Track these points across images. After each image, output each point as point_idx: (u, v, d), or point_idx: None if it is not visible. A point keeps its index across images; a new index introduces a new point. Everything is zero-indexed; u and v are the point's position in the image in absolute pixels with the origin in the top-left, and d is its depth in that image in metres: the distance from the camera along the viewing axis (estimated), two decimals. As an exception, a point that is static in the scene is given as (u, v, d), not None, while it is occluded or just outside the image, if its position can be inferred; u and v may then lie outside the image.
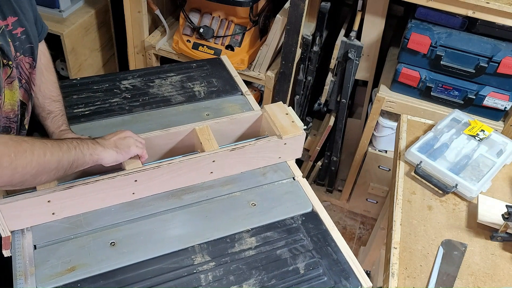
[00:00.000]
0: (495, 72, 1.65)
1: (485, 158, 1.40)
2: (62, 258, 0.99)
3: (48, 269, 0.97)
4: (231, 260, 1.02)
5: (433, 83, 1.77)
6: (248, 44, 1.90)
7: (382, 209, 1.75)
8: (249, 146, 1.16)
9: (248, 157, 1.19)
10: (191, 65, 1.59)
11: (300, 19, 1.72)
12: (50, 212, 1.02)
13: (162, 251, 1.02)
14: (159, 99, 1.44)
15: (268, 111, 1.25)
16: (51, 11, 2.00)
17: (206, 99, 1.46)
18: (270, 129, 1.23)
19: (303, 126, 1.23)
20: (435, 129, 1.48)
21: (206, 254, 1.03)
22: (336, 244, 1.08)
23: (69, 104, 1.36)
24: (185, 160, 1.10)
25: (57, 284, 0.95)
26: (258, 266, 1.02)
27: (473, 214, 1.28)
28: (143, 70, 1.56)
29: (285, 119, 1.23)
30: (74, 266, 0.98)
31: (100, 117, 1.33)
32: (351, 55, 1.88)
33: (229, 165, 1.18)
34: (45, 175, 0.89)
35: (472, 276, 1.14)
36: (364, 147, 2.11)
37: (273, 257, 1.04)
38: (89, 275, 0.97)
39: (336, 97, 2.09)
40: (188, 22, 1.92)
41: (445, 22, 1.69)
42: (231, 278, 0.99)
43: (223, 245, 1.05)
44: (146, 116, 1.39)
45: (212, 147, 1.15)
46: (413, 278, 1.12)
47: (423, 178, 1.36)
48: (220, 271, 1.00)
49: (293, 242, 1.07)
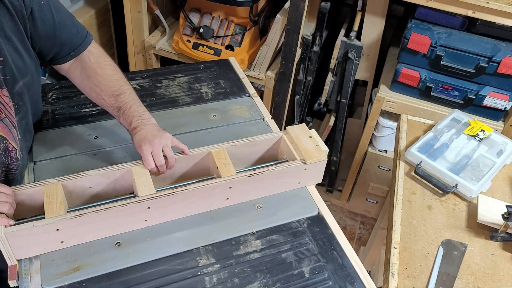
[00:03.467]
0: (495, 72, 1.65)
1: (485, 158, 1.40)
2: (68, 258, 0.99)
3: (53, 268, 0.97)
4: (236, 263, 1.02)
5: (433, 83, 1.77)
6: (248, 44, 1.90)
7: (382, 209, 1.75)
8: (268, 172, 1.10)
9: (267, 183, 1.13)
10: (199, 66, 1.59)
11: (300, 19, 1.72)
12: (59, 240, 0.99)
13: (167, 252, 1.02)
14: (166, 100, 1.44)
15: (291, 133, 1.19)
16: (51, 11, 2.00)
17: (213, 101, 1.45)
18: (289, 152, 1.17)
19: (327, 151, 1.17)
20: (435, 129, 1.48)
21: (211, 256, 1.03)
22: (342, 248, 1.08)
23: (77, 103, 1.38)
24: (200, 186, 1.05)
25: (62, 283, 0.95)
26: (263, 269, 1.02)
27: (473, 214, 1.28)
28: (151, 71, 1.56)
29: (308, 143, 1.17)
30: (79, 265, 0.98)
31: (107, 117, 1.32)
32: (351, 55, 1.88)
33: (246, 191, 1.12)
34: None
35: (472, 276, 1.14)
36: (364, 147, 2.11)
37: (278, 261, 1.03)
38: (94, 275, 0.97)
39: (336, 97, 2.09)
40: (188, 22, 1.92)
41: (445, 22, 1.69)
42: (235, 280, 0.99)
43: (228, 247, 1.05)
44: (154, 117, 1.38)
45: (229, 173, 1.09)
46: (413, 278, 1.12)
47: (423, 178, 1.36)
48: (224, 274, 1.00)
49: (298, 245, 1.07)
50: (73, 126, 1.31)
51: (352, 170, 2.24)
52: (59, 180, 1.03)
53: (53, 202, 0.99)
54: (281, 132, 1.21)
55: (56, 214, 0.96)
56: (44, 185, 1.01)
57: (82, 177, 1.05)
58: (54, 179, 1.03)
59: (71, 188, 1.05)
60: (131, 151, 1.23)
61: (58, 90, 1.43)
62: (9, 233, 0.92)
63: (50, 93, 1.41)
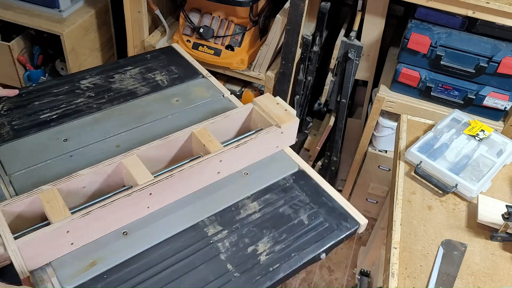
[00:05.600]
0: (495, 72, 1.65)
1: (485, 158, 1.40)
2: (79, 257, 0.99)
3: (68, 269, 0.97)
4: (241, 226, 1.10)
5: (433, 83, 1.77)
6: (248, 44, 1.90)
7: (382, 209, 1.75)
8: (252, 140, 1.18)
9: (252, 151, 1.21)
10: (146, 57, 1.60)
11: (300, 19, 1.72)
12: (69, 242, 0.99)
13: (175, 231, 1.06)
14: (124, 93, 1.44)
15: (260, 103, 1.27)
16: (51, 11, 2.00)
17: (171, 86, 1.48)
18: (263, 121, 1.26)
19: (295, 113, 1.28)
20: (435, 129, 1.48)
21: (217, 224, 1.10)
22: (328, 193, 1.21)
23: (33, 110, 1.34)
24: (195, 165, 1.10)
25: (83, 280, 0.96)
26: (267, 225, 1.11)
27: (473, 214, 1.28)
28: (99, 68, 1.54)
29: (277, 109, 1.27)
30: (94, 261, 0.99)
31: (70, 119, 1.32)
32: (351, 55, 1.88)
33: (234, 162, 1.19)
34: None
35: (472, 276, 1.14)
36: (364, 147, 2.11)
37: (278, 215, 1.14)
38: (111, 266, 0.99)
39: (336, 97, 2.09)
40: (188, 22, 1.92)
41: (445, 22, 1.69)
42: (246, 240, 1.07)
43: (230, 214, 1.13)
44: (117, 111, 1.38)
45: (217, 147, 1.15)
46: (413, 278, 1.12)
47: (423, 178, 1.36)
48: (234, 237, 1.08)
49: (291, 199, 1.18)
50: (37, 133, 1.28)
51: (352, 170, 2.24)
52: (53, 185, 1.02)
53: (55, 207, 0.98)
54: (250, 104, 1.30)
55: (62, 217, 0.96)
56: (39, 192, 1.00)
57: (75, 178, 1.04)
58: (48, 185, 1.02)
59: (66, 191, 1.04)
60: (106, 146, 1.25)
61: (7, 101, 1.37)
62: (21, 244, 0.91)
63: (1, 104, 1.34)
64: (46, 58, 2.19)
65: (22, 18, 1.98)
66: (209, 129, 1.20)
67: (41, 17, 1.99)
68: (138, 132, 1.32)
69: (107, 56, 2.33)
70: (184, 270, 1.01)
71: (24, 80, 2.17)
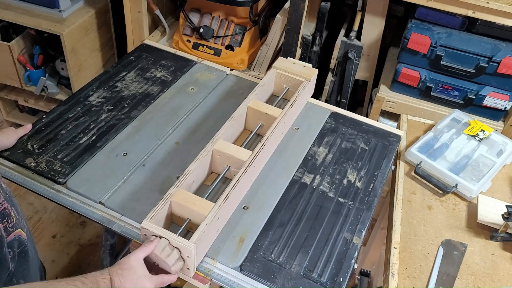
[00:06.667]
0: (495, 72, 1.65)
1: (485, 158, 1.40)
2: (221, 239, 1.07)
3: (223, 252, 1.04)
4: (324, 168, 1.30)
5: (433, 83, 1.76)
6: (248, 44, 1.90)
7: (382, 209, 1.75)
8: (297, 97, 1.36)
9: (298, 107, 1.41)
10: (130, 59, 1.62)
11: (300, 19, 1.72)
12: (215, 229, 1.05)
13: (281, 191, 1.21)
14: (141, 97, 1.45)
15: (280, 66, 1.43)
16: (51, 11, 2.00)
17: (176, 79, 1.54)
18: (290, 80, 1.43)
19: (311, 65, 1.47)
20: (435, 129, 1.48)
21: (307, 173, 1.27)
22: (365, 122, 1.46)
23: (67, 139, 1.29)
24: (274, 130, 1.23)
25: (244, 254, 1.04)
26: (343, 160, 1.32)
27: (473, 214, 1.28)
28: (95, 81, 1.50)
29: (297, 67, 1.43)
30: (240, 237, 1.07)
31: (110, 135, 1.31)
32: (351, 55, 1.88)
33: (290, 120, 1.38)
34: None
35: (472, 276, 1.14)
36: (364, 147, 2.11)
37: (344, 150, 1.36)
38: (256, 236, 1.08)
39: (336, 97, 2.08)
40: (188, 22, 1.92)
41: (445, 22, 1.69)
42: (337, 177, 1.27)
43: (310, 162, 1.31)
44: (149, 114, 1.39)
45: (277, 112, 1.28)
46: (413, 278, 1.12)
47: (423, 178, 1.36)
48: (327, 178, 1.27)
49: (343, 135, 1.40)
50: (92, 157, 1.24)
51: (352, 170, 2.24)
52: (176, 187, 1.06)
53: (196, 202, 1.03)
54: (273, 69, 1.44)
55: (210, 207, 1.01)
56: (171, 197, 1.04)
57: (188, 175, 1.09)
58: (172, 188, 1.06)
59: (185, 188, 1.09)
60: (166, 146, 1.30)
61: (30, 139, 1.29)
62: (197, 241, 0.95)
63: (29, 144, 1.27)
64: (46, 58, 2.19)
65: (22, 18, 1.98)
66: (257, 99, 1.34)
67: (41, 17, 1.99)
68: (183, 126, 1.37)
69: (107, 56, 2.33)
70: (312, 215, 1.16)
71: (24, 80, 2.16)
